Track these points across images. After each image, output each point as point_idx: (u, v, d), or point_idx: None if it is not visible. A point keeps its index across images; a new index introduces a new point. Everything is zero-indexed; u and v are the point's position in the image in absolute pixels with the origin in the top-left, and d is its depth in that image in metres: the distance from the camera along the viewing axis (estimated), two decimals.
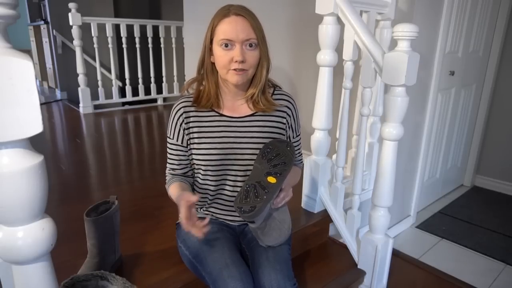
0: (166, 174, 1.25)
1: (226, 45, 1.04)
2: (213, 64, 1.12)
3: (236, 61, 1.04)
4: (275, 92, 1.22)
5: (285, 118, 1.21)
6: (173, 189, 1.15)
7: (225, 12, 1.06)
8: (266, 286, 1.03)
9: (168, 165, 1.23)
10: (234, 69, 1.05)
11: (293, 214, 1.61)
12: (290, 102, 1.23)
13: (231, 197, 1.21)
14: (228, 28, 1.04)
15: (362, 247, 1.54)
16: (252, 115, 1.18)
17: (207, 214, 1.25)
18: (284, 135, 1.22)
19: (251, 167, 1.15)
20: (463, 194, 2.74)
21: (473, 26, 2.33)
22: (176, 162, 1.21)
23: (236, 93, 1.16)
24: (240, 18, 1.04)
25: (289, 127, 1.23)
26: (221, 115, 1.17)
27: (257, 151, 1.14)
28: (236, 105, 1.18)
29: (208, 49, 1.10)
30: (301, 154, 1.33)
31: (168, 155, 1.22)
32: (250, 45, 1.05)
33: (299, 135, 1.28)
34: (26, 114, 0.54)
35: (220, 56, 1.06)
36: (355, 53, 1.53)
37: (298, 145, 1.29)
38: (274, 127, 1.19)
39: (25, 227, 0.60)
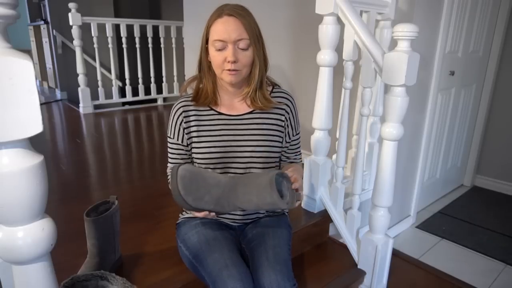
0: (168, 174, 1.26)
1: (219, 46, 1.05)
2: (210, 63, 1.13)
3: (228, 62, 1.05)
4: (274, 90, 1.23)
5: (284, 115, 1.22)
6: None
7: (219, 12, 1.07)
8: (266, 287, 1.02)
9: (169, 164, 1.25)
10: (228, 69, 1.07)
11: (293, 214, 1.62)
12: (289, 100, 1.23)
13: None
14: (221, 28, 1.05)
15: (362, 247, 1.53)
16: (250, 112, 1.19)
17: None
18: (283, 132, 1.23)
19: (251, 165, 1.16)
20: (463, 194, 2.74)
21: (473, 26, 2.33)
22: (177, 161, 1.22)
23: (233, 92, 1.18)
24: (232, 19, 1.05)
25: (288, 125, 1.23)
26: (220, 113, 1.18)
27: (257, 148, 1.16)
28: (234, 103, 1.20)
29: (204, 49, 1.12)
30: (300, 153, 1.33)
31: (169, 154, 1.23)
32: (243, 45, 1.06)
33: (298, 133, 1.28)
34: (26, 114, 0.54)
35: (214, 56, 1.08)
36: (355, 53, 1.53)
37: (297, 143, 1.29)
38: (273, 124, 1.20)
39: (25, 227, 0.60)
